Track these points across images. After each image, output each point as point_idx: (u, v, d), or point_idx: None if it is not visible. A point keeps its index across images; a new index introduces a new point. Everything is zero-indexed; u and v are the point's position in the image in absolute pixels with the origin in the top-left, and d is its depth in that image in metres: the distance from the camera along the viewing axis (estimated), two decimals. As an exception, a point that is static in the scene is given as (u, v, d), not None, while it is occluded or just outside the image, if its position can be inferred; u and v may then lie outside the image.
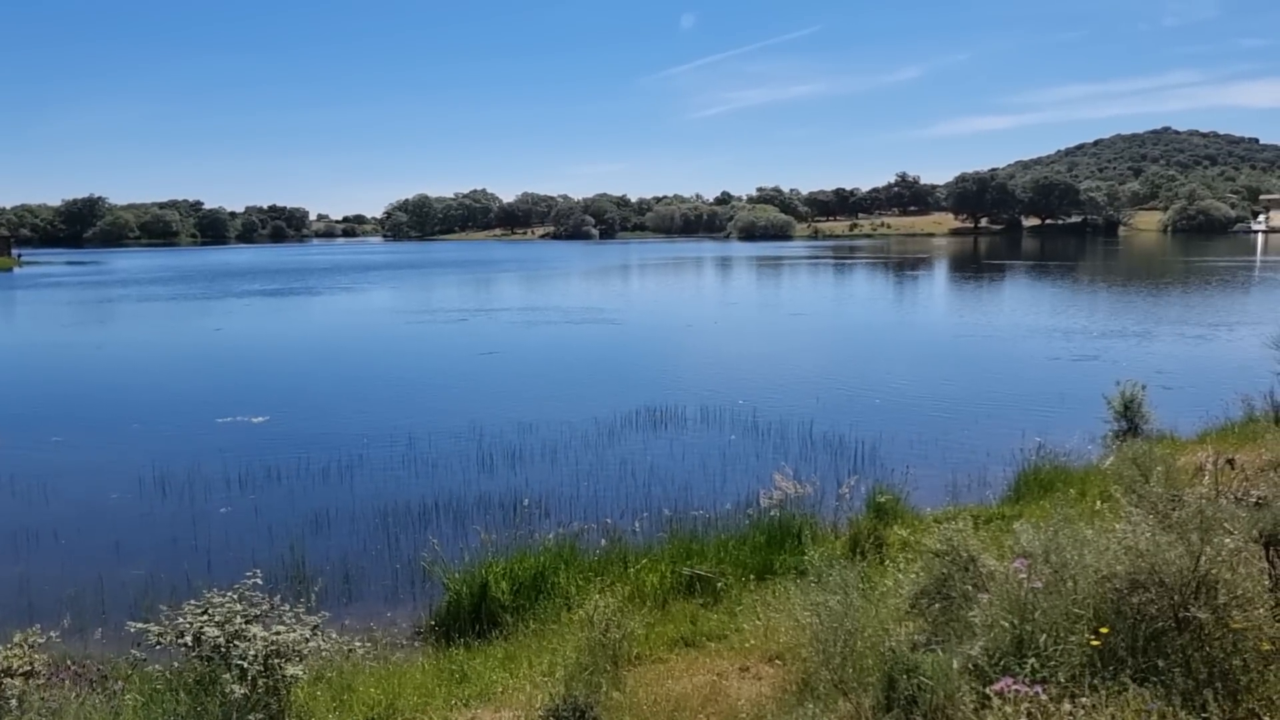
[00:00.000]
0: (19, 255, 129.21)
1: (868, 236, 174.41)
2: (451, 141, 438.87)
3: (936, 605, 5.36)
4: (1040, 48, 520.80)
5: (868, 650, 4.90)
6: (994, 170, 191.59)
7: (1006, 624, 4.49)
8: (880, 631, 4.99)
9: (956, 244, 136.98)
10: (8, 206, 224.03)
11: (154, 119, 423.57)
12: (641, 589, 8.63)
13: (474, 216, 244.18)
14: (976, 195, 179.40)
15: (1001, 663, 4.36)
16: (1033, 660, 4.22)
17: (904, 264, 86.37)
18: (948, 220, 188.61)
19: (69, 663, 7.00)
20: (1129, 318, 37.22)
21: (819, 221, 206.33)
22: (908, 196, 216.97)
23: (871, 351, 29.66)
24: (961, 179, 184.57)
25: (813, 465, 14.66)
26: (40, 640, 6.30)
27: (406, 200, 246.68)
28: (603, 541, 9.93)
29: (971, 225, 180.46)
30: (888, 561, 8.15)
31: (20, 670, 5.94)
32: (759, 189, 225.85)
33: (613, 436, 17.40)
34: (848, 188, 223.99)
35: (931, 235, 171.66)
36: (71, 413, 21.27)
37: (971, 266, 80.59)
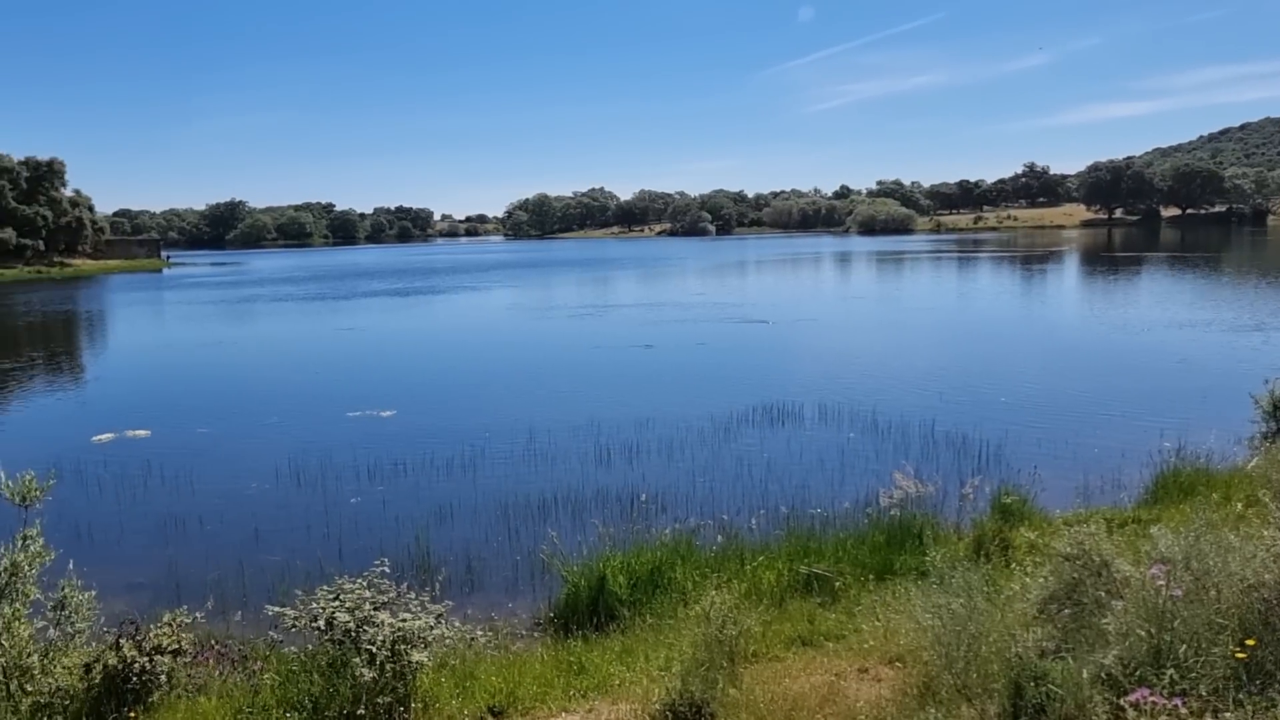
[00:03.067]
0: (168, 257, 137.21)
1: (993, 230, 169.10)
2: (570, 140, 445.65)
3: (1066, 611, 5.16)
4: (1176, 30, 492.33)
5: (993, 655, 4.76)
6: (1130, 159, 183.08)
7: (1143, 633, 4.30)
8: (1006, 636, 4.84)
9: (1089, 236, 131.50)
10: (158, 211, 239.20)
11: (290, 125, 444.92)
12: (758, 586, 8.59)
13: (592, 214, 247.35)
14: (1111, 185, 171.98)
15: (1137, 673, 4.18)
16: (1171, 671, 4.03)
17: (1032, 257, 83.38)
18: (1079, 212, 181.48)
19: (213, 642, 7.38)
20: (1278, 312, 35.05)
21: (941, 215, 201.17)
22: (1036, 187, 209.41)
23: (998, 347, 28.76)
24: (1094, 168, 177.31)
25: (935, 464, 14.32)
26: (187, 621, 6.65)
27: (527, 199, 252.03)
28: (719, 538, 9.92)
29: (1105, 216, 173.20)
30: (1014, 565, 7.90)
31: (169, 648, 6.28)
32: (879, 182, 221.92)
33: (729, 433, 17.35)
34: (972, 179, 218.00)
35: (1062, 227, 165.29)
36: (215, 406, 22.45)
37: (1105, 259, 77.19)
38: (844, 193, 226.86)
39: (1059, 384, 21.80)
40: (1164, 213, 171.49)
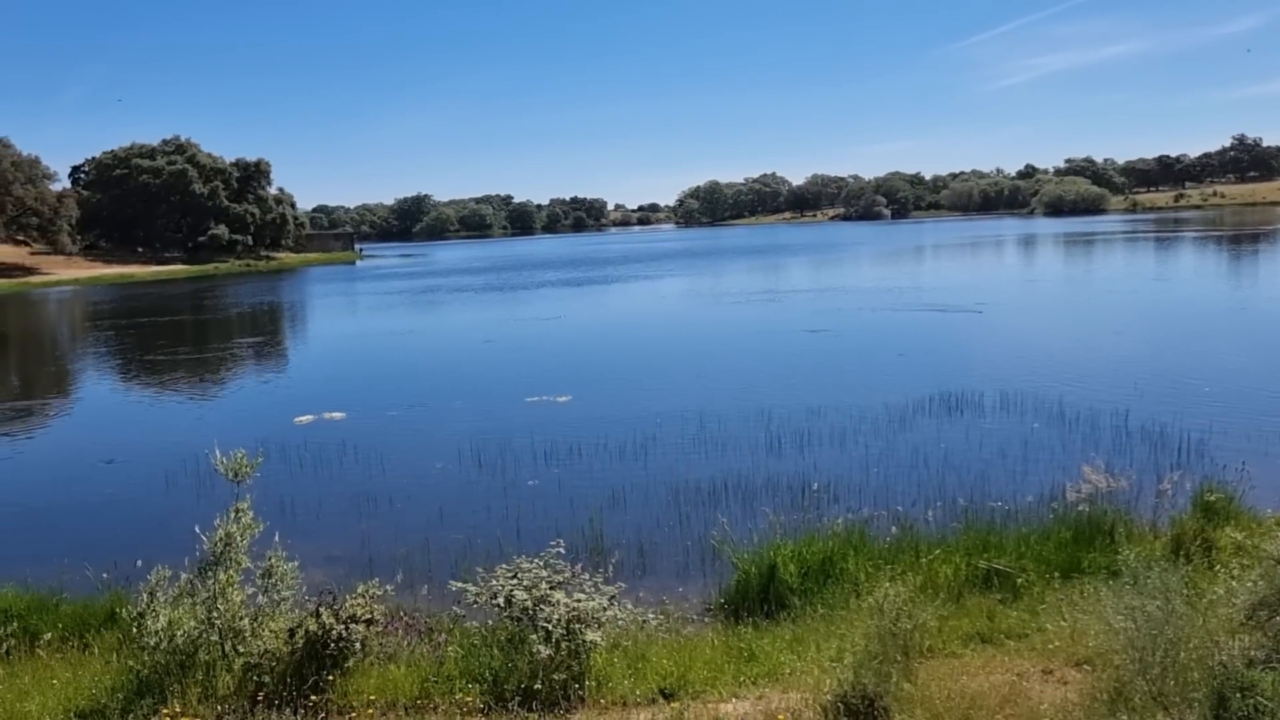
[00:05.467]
0: (360, 250, 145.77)
1: (1196, 208, 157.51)
2: (740, 126, 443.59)
3: (1279, 619, 4.79)
4: None
5: (1193, 663, 4.47)
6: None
7: (1368, 646, 3.93)
8: (1208, 643, 4.53)
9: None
10: (351, 206, 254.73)
11: (469, 119, 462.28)
12: (934, 580, 8.34)
13: (763, 200, 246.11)
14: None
15: (1361, 689, 3.83)
16: (1402, 689, 3.67)
17: (1241, 237, 77.09)
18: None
19: (401, 614, 7.81)
20: None
21: (1138, 193, 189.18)
22: (1246, 161, 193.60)
23: (1200, 334, 26.78)
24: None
25: (1128, 458, 13.51)
26: (379, 592, 7.07)
27: (698, 187, 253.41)
28: (893, 529, 9.70)
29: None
30: (1218, 567, 7.39)
31: (363, 618, 6.70)
32: (1067, 160, 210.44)
33: (904, 422, 16.90)
34: (1172, 154, 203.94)
35: (1276, 204, 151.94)
36: (403, 391, 23.66)
37: (1328, 237, 70.48)
38: (1029, 172, 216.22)
39: (1270, 374, 20.11)
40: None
